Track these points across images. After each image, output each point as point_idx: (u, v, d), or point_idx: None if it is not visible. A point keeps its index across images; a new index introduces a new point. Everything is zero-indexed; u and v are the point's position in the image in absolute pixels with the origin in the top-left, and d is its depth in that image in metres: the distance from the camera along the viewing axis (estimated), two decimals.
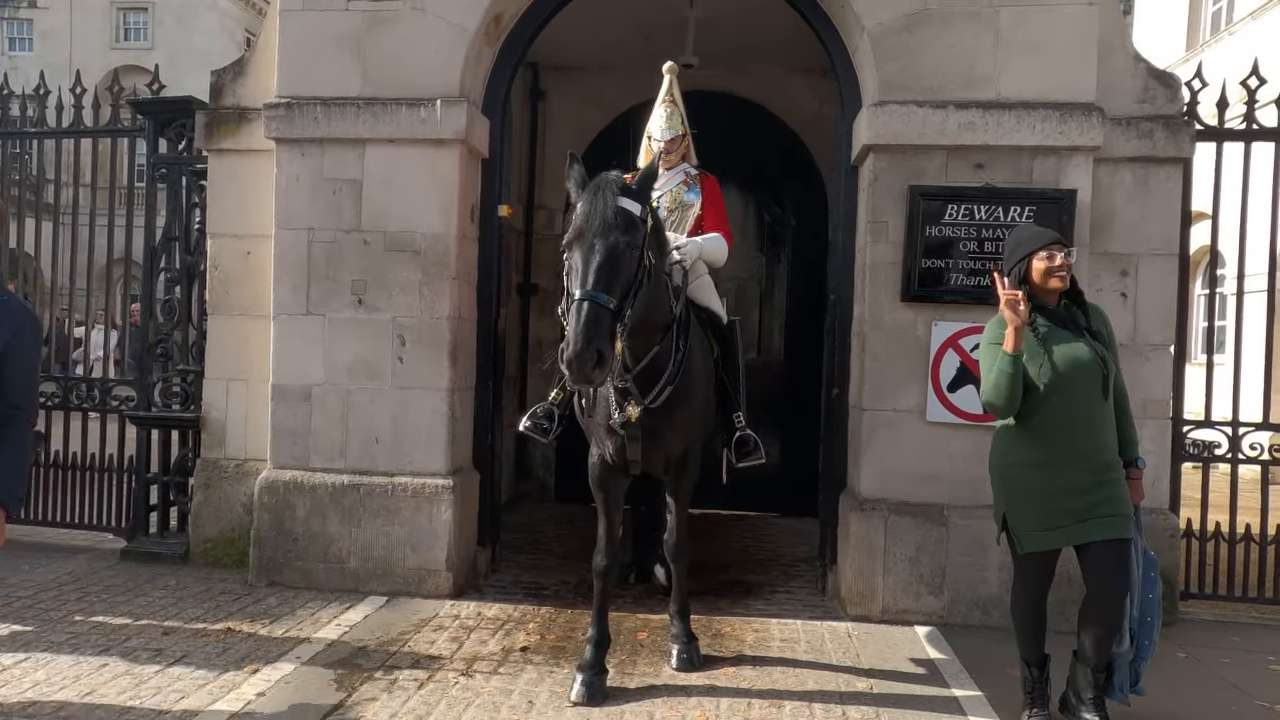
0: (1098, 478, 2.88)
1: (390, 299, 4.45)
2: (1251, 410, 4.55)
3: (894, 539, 4.19)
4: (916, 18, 4.20)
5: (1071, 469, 2.86)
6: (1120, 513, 2.88)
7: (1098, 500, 2.86)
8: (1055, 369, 2.84)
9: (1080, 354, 2.87)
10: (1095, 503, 2.86)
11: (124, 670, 3.37)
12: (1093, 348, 2.89)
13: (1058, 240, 2.99)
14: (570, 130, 6.85)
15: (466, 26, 4.41)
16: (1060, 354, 2.86)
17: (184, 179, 5.08)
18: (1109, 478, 2.90)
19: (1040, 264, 2.92)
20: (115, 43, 26.94)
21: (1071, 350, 2.87)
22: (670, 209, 4.01)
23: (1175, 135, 4.24)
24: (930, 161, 4.22)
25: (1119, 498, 2.90)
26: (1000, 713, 3.19)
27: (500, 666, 3.53)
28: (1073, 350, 2.87)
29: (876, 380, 4.26)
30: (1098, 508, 2.85)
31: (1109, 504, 2.87)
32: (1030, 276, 2.94)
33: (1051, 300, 2.97)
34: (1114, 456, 2.94)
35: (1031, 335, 2.89)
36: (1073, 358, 2.86)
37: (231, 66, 4.96)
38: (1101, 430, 2.89)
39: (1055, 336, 2.91)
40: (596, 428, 3.38)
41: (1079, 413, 2.85)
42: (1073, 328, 2.93)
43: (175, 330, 5.06)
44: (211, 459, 4.86)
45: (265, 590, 4.41)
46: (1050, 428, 2.86)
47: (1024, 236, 3.05)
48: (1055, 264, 2.90)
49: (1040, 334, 2.91)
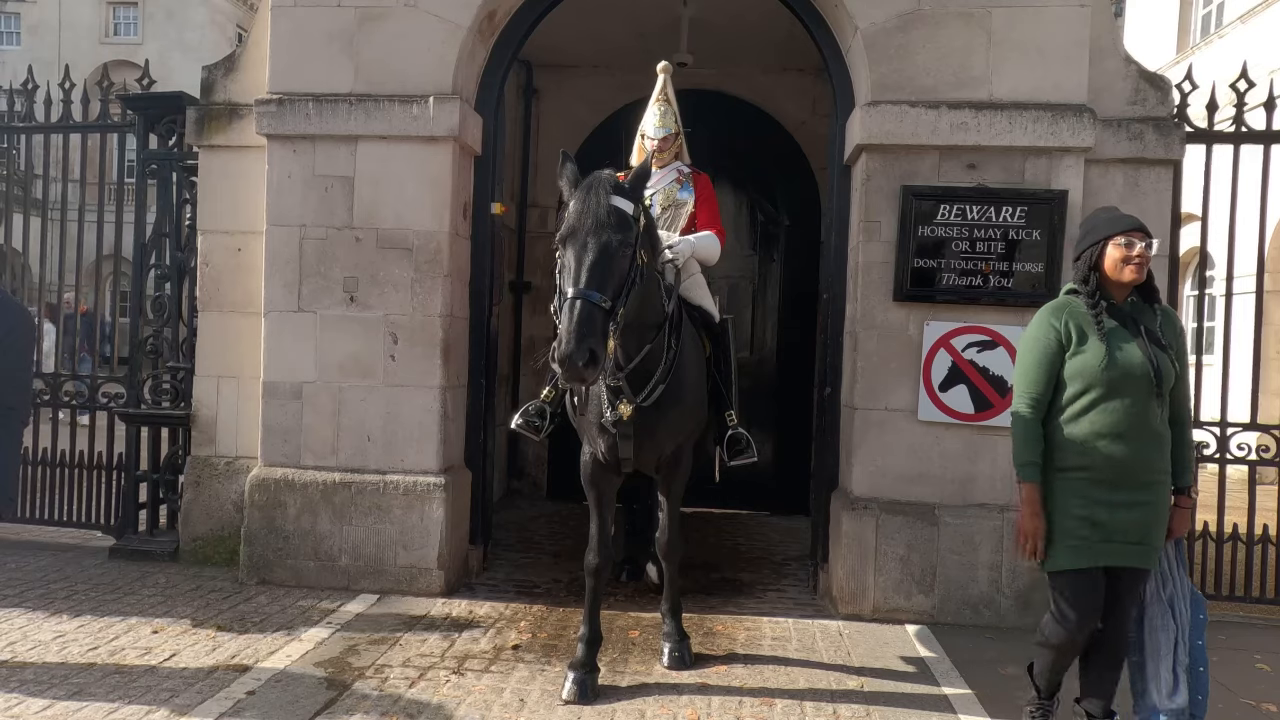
0: (1133, 498, 2.60)
1: (382, 296, 4.44)
2: (1239, 411, 4.59)
3: (885, 538, 4.21)
4: (909, 18, 4.22)
5: (1108, 482, 2.59)
6: (1147, 543, 2.62)
7: (1128, 523, 2.60)
8: (1108, 369, 2.57)
9: (1134, 360, 2.58)
10: (1125, 525, 2.60)
11: (112, 669, 3.35)
12: (1148, 355, 2.60)
13: (1138, 226, 2.66)
14: (564, 128, 6.83)
15: (460, 23, 4.40)
16: (1118, 355, 2.58)
17: (175, 175, 5.05)
18: (1146, 500, 2.61)
19: (1116, 251, 2.62)
20: (105, 37, 26.72)
21: (1130, 354, 2.59)
22: (663, 207, 4.01)
23: (1165, 137, 4.26)
24: (923, 161, 4.23)
25: (1150, 524, 2.62)
26: (990, 710, 3.21)
27: (492, 665, 3.53)
28: (1131, 354, 2.59)
29: (869, 379, 4.27)
30: (1125, 531, 2.60)
31: (1138, 530, 2.60)
32: (1102, 264, 2.65)
33: (1120, 295, 2.68)
34: (1159, 478, 2.65)
35: (1095, 329, 2.61)
36: (1130, 362, 2.58)
37: (223, 62, 4.93)
38: (1147, 447, 2.60)
39: (1116, 334, 2.62)
40: (588, 426, 3.38)
41: (1124, 423, 2.58)
42: (1134, 329, 2.64)
43: (165, 327, 5.04)
44: (202, 456, 4.84)
45: (256, 588, 4.39)
46: (1092, 434, 2.60)
47: (1100, 220, 2.74)
48: (1133, 253, 2.60)
49: (1104, 327, 2.61)
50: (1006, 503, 4.17)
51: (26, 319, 4.03)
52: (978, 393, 4.18)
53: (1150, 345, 2.62)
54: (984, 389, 4.17)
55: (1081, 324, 2.64)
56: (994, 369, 4.16)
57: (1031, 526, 2.66)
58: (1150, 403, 2.59)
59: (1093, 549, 2.62)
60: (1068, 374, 2.64)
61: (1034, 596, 4.11)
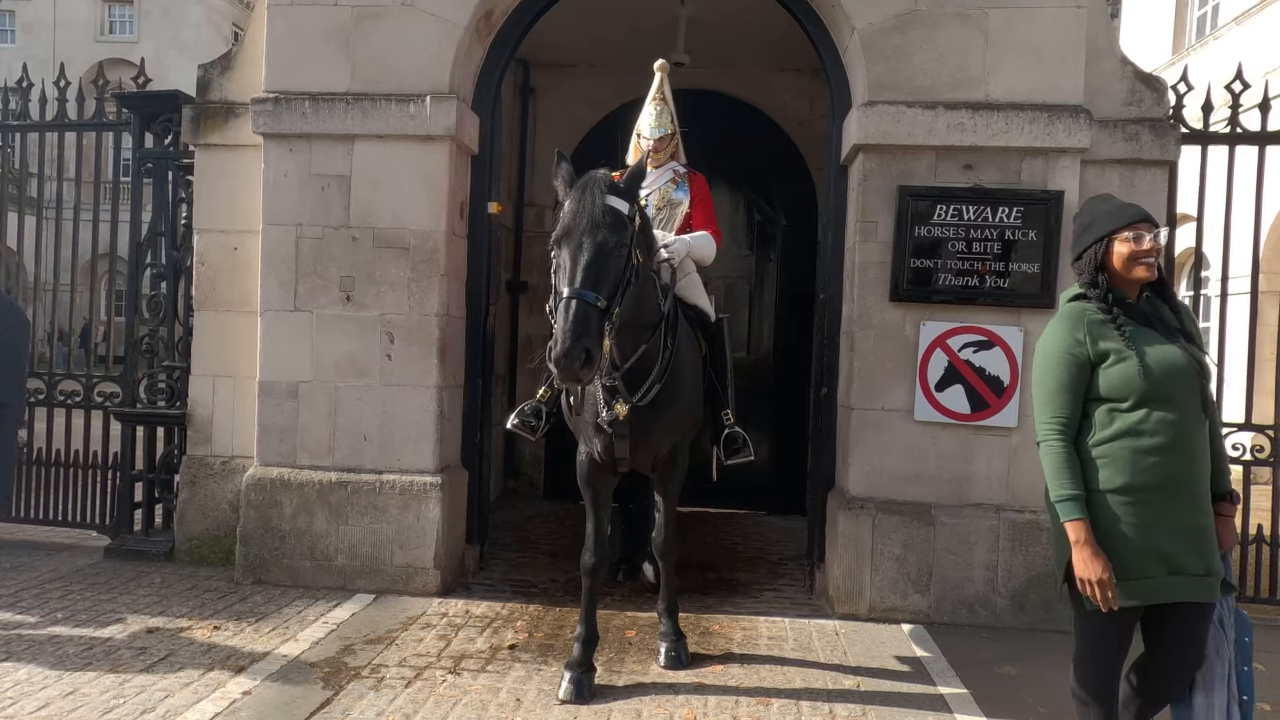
0: (1193, 519, 2.28)
1: (379, 296, 4.43)
2: (1234, 411, 4.60)
3: (882, 537, 4.21)
4: (906, 18, 4.22)
5: (1167, 503, 2.25)
6: (1213, 570, 2.29)
7: (1190, 548, 2.26)
8: (1148, 376, 2.25)
9: (1175, 360, 2.27)
10: (1188, 550, 2.26)
11: (107, 669, 3.35)
12: (1189, 352, 2.30)
13: (1144, 216, 2.36)
14: (561, 127, 6.84)
15: (457, 22, 4.40)
16: (1153, 358, 2.26)
17: (170, 174, 5.04)
18: (1202, 522, 2.30)
19: (1124, 247, 2.32)
20: (100, 35, 26.65)
21: (1165, 354, 2.27)
22: (659, 207, 4.02)
23: (1161, 138, 4.28)
24: (919, 162, 4.23)
25: (1212, 548, 2.30)
26: (986, 710, 3.21)
27: (488, 664, 3.53)
28: (1166, 354, 2.27)
29: (865, 379, 4.28)
30: (1190, 560, 2.26)
31: (1203, 556, 2.27)
32: (1109, 263, 2.35)
33: (1132, 292, 2.37)
34: (1207, 490, 2.34)
35: (1116, 333, 2.30)
36: (1168, 363, 2.26)
37: (219, 61, 4.92)
38: (1199, 456, 2.30)
39: (1142, 336, 2.31)
40: (584, 425, 3.38)
41: (1175, 433, 2.25)
42: (1160, 327, 2.34)
43: (161, 326, 5.02)
44: (197, 456, 4.83)
45: (251, 588, 4.38)
46: (1140, 449, 2.26)
47: (1101, 211, 2.42)
48: (1143, 248, 2.31)
49: (1127, 332, 2.30)
50: (1002, 503, 4.18)
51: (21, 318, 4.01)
52: (974, 393, 4.18)
53: (1188, 344, 2.33)
54: (980, 389, 4.18)
55: (1104, 332, 2.31)
56: (990, 369, 4.17)
57: (1096, 570, 2.23)
58: (1194, 404, 2.30)
59: (1156, 584, 2.26)
60: (1106, 389, 2.31)
61: (1030, 596, 4.13)
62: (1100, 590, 2.23)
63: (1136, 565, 2.25)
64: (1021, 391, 4.16)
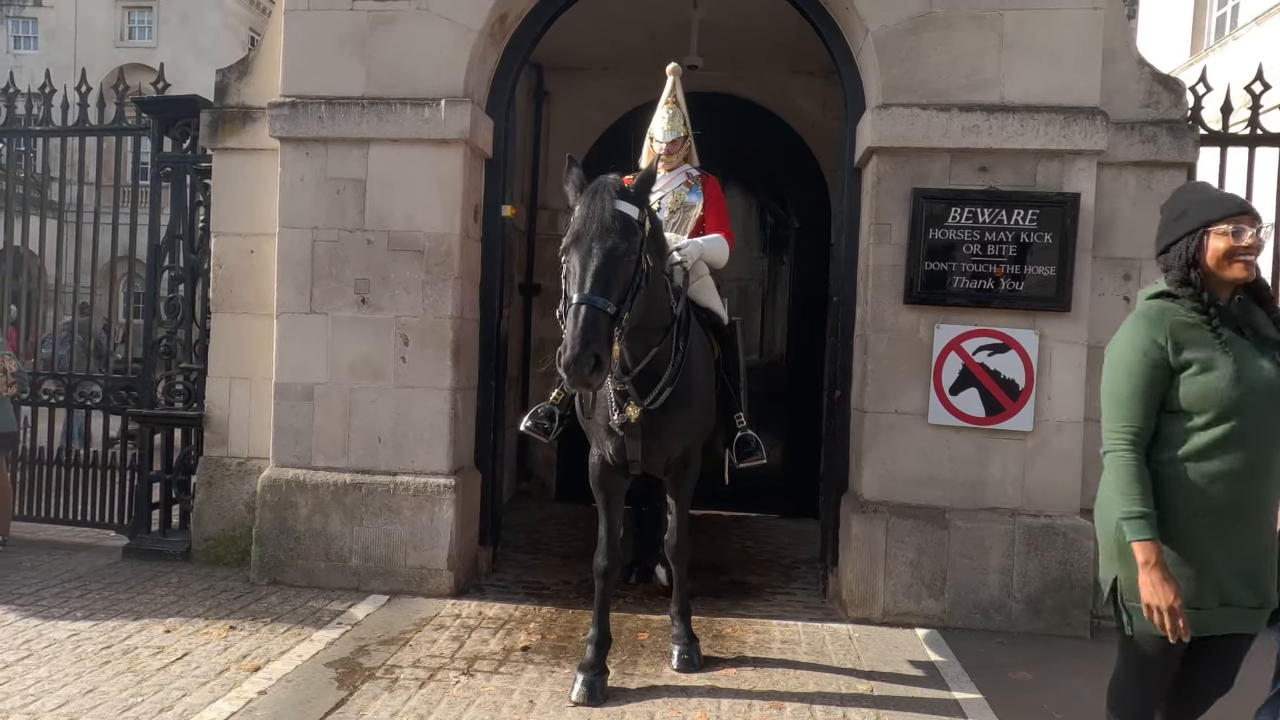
0: (1256, 546, 2.12)
1: (393, 298, 4.46)
2: None
3: (895, 541, 4.19)
4: (920, 20, 4.21)
5: (1231, 530, 2.10)
6: (1267, 603, 2.14)
7: (1247, 578, 2.11)
8: (1237, 391, 2.06)
9: (1266, 375, 2.08)
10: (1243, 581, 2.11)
11: (125, 668, 3.38)
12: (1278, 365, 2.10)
13: (1246, 209, 2.14)
14: (574, 131, 6.85)
15: (471, 26, 4.42)
16: (1245, 371, 2.07)
17: (188, 177, 5.09)
18: (1265, 546, 2.14)
19: (1220, 242, 2.10)
20: (120, 41, 26.95)
21: (1257, 367, 2.08)
22: (672, 210, 4.02)
23: (1179, 140, 4.24)
24: (934, 164, 4.22)
25: (1270, 575, 2.14)
26: (1001, 715, 3.19)
27: (501, 666, 3.54)
28: (1259, 367, 2.08)
29: (879, 382, 4.26)
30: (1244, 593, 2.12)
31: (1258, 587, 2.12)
32: (1203, 259, 2.12)
33: (1224, 293, 2.15)
34: (1275, 512, 2.16)
35: (1211, 336, 2.09)
36: (1260, 378, 2.07)
37: (236, 66, 4.97)
38: (1274, 479, 2.12)
39: (1237, 346, 2.10)
40: (596, 428, 3.39)
41: (1252, 455, 2.07)
42: (1251, 335, 2.13)
43: (179, 328, 5.08)
44: (214, 457, 4.87)
45: (267, 588, 4.41)
46: (1208, 473, 2.08)
47: (1196, 200, 2.19)
48: (1243, 244, 2.09)
49: (1223, 338, 2.09)
50: (1017, 507, 4.15)
51: None
52: (989, 396, 4.16)
53: (1276, 354, 2.13)
54: (995, 392, 4.15)
55: (1191, 337, 2.10)
56: (1005, 372, 4.15)
57: (1168, 597, 2.05)
58: (1277, 424, 2.09)
59: (1211, 615, 2.10)
60: (1185, 401, 2.10)
61: (1045, 602, 4.09)
62: (1170, 619, 2.05)
63: (1191, 594, 2.09)
64: (1037, 395, 4.13)
